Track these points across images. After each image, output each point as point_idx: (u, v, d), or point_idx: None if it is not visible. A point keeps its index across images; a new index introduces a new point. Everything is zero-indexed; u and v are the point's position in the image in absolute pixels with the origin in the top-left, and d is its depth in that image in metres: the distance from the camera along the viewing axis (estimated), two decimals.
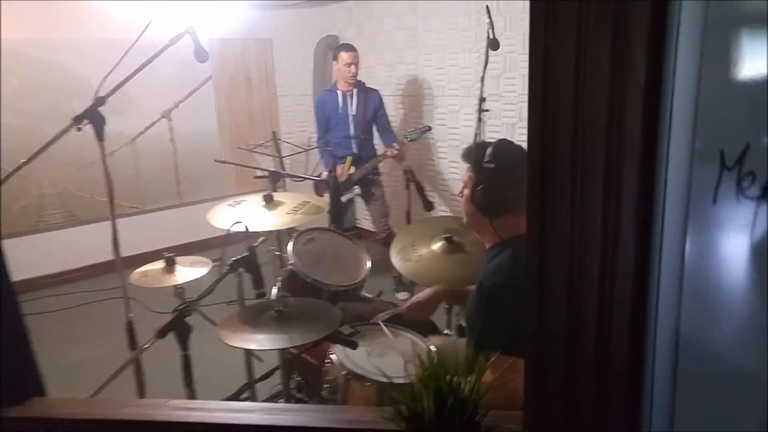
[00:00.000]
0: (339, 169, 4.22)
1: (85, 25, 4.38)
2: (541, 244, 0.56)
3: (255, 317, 1.86)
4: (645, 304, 0.48)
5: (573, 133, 0.48)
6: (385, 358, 2.00)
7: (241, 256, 1.75)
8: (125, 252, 2.14)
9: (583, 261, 0.52)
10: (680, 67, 0.40)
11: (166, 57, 2.09)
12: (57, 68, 4.41)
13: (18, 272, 1.20)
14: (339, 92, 4.30)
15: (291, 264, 2.47)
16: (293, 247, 2.56)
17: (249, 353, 2.39)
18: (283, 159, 4.11)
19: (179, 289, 2.03)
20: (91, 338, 3.58)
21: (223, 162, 3.37)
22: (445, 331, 2.59)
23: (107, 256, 2.11)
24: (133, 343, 1.89)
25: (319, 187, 4.16)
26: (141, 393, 1.95)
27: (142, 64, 1.86)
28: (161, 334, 1.59)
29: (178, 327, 1.63)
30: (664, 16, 0.41)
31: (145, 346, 1.54)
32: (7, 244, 1.18)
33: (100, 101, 1.74)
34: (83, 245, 4.47)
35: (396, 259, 2.56)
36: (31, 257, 4.34)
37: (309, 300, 2.04)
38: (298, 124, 5.66)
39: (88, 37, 4.33)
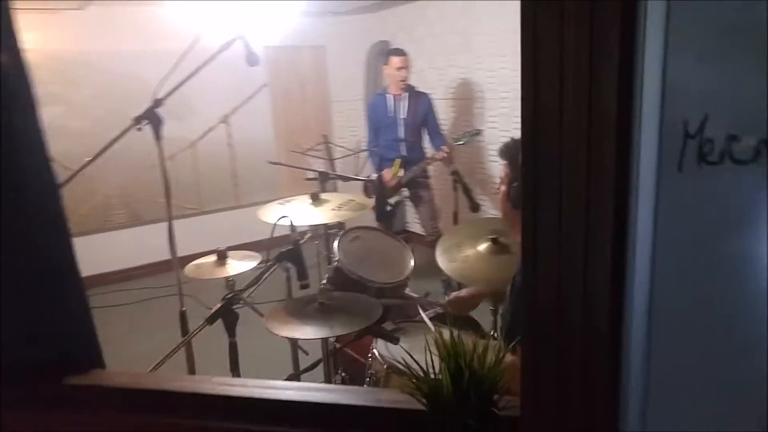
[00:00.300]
0: (387, 172, 4.29)
1: (150, 37, 4.66)
2: (534, 230, 0.60)
3: (300, 308, 1.95)
4: (623, 275, 0.51)
5: (559, 119, 0.52)
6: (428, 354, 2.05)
7: (287, 248, 1.84)
8: (183, 251, 2.27)
9: (570, 239, 0.56)
10: (648, 54, 0.44)
11: (224, 65, 2.23)
12: (125, 78, 4.71)
13: (87, 268, 1.33)
14: (389, 96, 4.38)
15: (336, 260, 2.56)
16: (339, 245, 2.65)
17: (295, 346, 2.48)
18: (334, 161, 4.22)
19: (230, 281, 2.14)
20: (149, 332, 3.79)
21: (276, 163, 3.51)
22: (491, 333, 2.60)
23: (167, 254, 2.25)
24: (185, 331, 2.01)
25: (368, 189, 4.24)
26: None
27: (196, 68, 1.99)
28: (210, 320, 1.70)
29: (226, 315, 1.73)
30: (634, 11, 0.45)
31: (195, 331, 1.65)
32: (78, 241, 1.30)
33: (158, 103, 1.88)
34: (145, 244, 4.72)
35: (441, 260, 2.60)
36: (98, 254, 4.63)
37: (351, 294, 2.11)
38: (351, 129, 5.79)
39: (153, 48, 4.60)
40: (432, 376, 0.94)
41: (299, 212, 2.28)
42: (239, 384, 1.21)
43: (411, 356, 1.06)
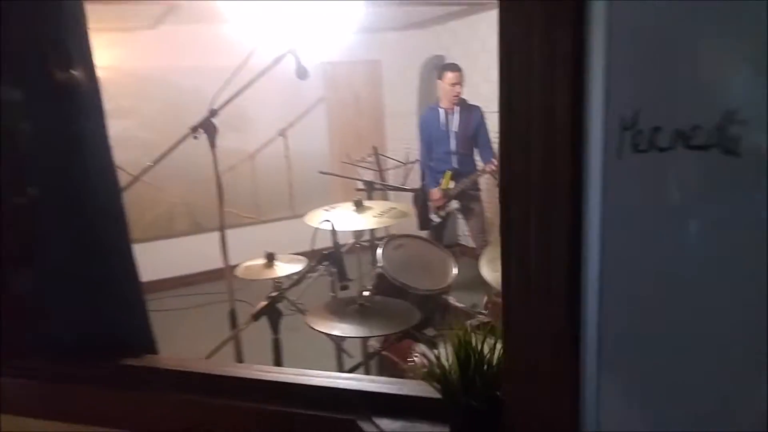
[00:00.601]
0: (435, 192, 4.35)
1: (213, 54, 4.95)
2: (509, 222, 0.69)
3: (341, 309, 2.06)
4: (579, 247, 0.59)
5: (527, 120, 0.61)
6: None
7: (328, 251, 1.96)
8: (241, 259, 2.43)
9: (536, 228, 0.64)
10: (594, 59, 0.53)
11: (282, 80, 2.38)
12: (190, 92, 5.01)
13: (150, 274, 1.48)
14: (441, 109, 4.46)
15: (380, 267, 2.66)
16: (383, 252, 2.75)
17: (339, 348, 2.59)
18: (384, 172, 4.35)
19: (277, 283, 2.28)
20: (205, 335, 3.99)
21: (326, 173, 3.66)
22: None
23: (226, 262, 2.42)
24: (234, 326, 2.16)
25: (417, 199, 4.33)
26: None
27: (248, 81, 2.16)
28: (256, 317, 1.83)
29: (271, 312, 1.86)
30: (582, 25, 0.54)
31: (243, 326, 1.79)
32: (142, 247, 1.45)
33: (213, 113, 2.05)
34: (205, 251, 4.98)
35: (485, 270, 2.65)
36: (161, 261, 4.91)
37: (390, 299, 2.20)
38: (405, 141, 5.91)
39: (216, 64, 4.88)
40: (446, 364, 1.01)
41: (342, 218, 2.40)
42: (275, 371, 1.33)
43: (429, 349, 1.15)
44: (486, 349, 0.99)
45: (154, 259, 4.76)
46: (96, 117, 1.40)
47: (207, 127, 2.05)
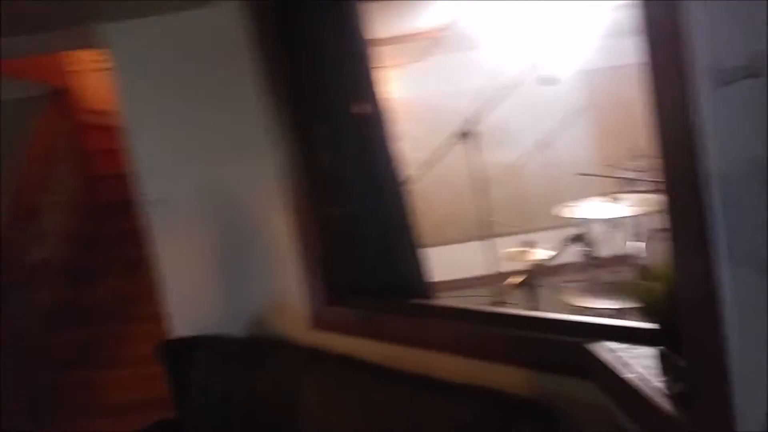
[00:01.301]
0: None
1: (469, 77, 5.63)
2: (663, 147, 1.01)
3: (591, 288, 2.38)
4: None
5: (661, 72, 0.95)
6: None
7: (578, 233, 2.31)
8: (506, 266, 2.90)
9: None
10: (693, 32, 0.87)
11: (540, 94, 2.80)
12: (452, 113, 5.70)
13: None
14: None
15: (643, 259, 2.85)
16: (646, 245, 2.94)
17: None
18: (651, 171, 4.38)
19: (534, 266, 2.68)
20: None
21: (584, 174, 3.93)
22: None
23: (495, 268, 2.91)
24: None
25: None
26: None
27: (500, 97, 2.67)
28: (515, 287, 2.27)
29: (528, 284, 2.28)
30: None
31: (505, 294, 2.25)
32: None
33: (470, 123, 2.58)
34: (475, 258, 5.56)
35: None
36: (435, 266, 5.65)
37: (636, 282, 2.42)
38: None
39: (475, 85, 5.51)
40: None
41: (597, 208, 2.72)
42: (522, 311, 1.76)
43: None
44: None
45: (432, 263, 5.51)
46: (384, 138, 2.04)
47: (469, 133, 2.60)
